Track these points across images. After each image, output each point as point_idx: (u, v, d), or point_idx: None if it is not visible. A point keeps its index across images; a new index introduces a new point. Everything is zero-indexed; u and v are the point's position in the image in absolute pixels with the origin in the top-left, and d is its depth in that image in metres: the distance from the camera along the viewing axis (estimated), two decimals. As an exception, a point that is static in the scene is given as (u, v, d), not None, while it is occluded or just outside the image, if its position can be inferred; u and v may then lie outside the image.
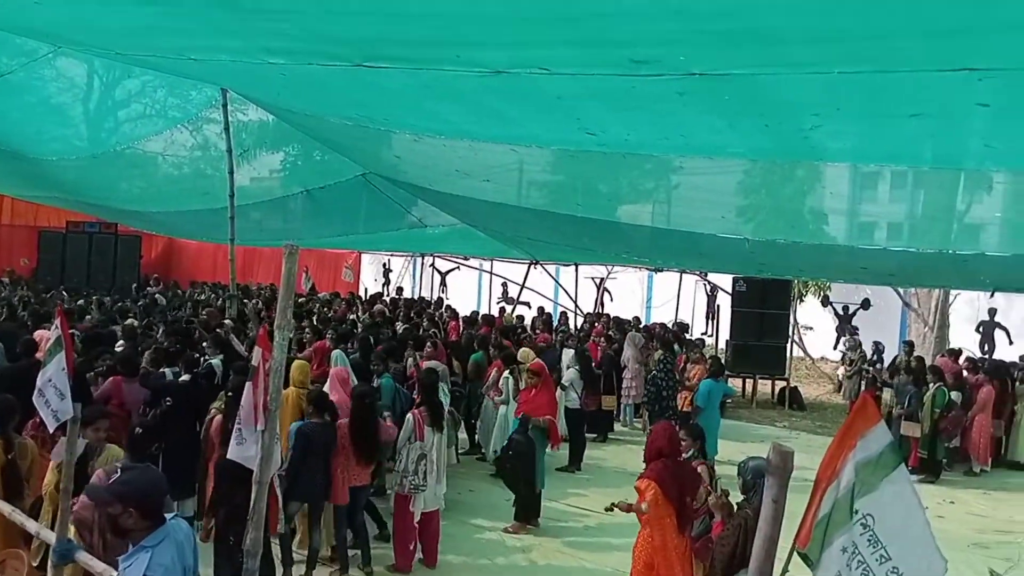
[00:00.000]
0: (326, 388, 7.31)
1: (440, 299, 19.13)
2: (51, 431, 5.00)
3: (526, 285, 18.16)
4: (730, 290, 15.62)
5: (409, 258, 22.33)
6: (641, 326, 14.87)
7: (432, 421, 6.59)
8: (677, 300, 17.97)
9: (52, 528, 4.24)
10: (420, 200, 12.90)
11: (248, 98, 10.97)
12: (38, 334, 8.94)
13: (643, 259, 14.96)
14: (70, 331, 5.53)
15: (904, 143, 5.70)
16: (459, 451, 9.75)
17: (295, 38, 5.78)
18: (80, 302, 14.47)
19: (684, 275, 17.53)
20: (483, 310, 18.51)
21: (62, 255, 20.45)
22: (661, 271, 17.69)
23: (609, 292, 19.32)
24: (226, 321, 10.69)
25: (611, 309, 18.50)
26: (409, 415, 6.71)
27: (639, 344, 12.13)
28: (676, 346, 12.44)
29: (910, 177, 7.14)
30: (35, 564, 4.50)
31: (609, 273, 18.92)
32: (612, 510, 5.34)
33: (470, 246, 16.94)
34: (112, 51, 9.66)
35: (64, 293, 15.51)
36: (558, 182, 9.71)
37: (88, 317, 12.07)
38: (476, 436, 10.22)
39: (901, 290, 15.38)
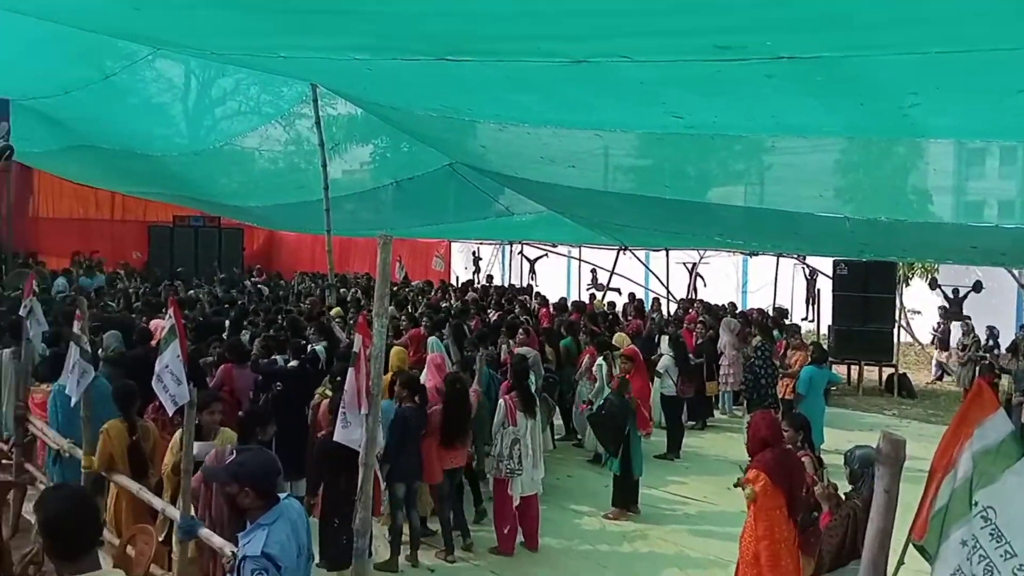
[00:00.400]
0: (424, 374, 7.53)
1: (530, 286, 19.23)
2: (170, 414, 5.34)
3: (615, 271, 18.03)
4: (830, 274, 15.10)
5: (498, 246, 22.52)
6: (737, 312, 14.55)
7: (524, 407, 6.66)
8: (775, 285, 17.49)
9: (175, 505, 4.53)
10: (507, 188, 13.00)
11: (336, 92, 11.28)
12: (152, 323, 9.52)
13: (737, 242, 14.64)
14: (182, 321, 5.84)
15: (1012, 118, 5.40)
16: (555, 437, 9.81)
17: (378, 35, 5.92)
18: (190, 292, 15.22)
19: (781, 259, 17.03)
20: (572, 297, 18.50)
21: (170, 248, 21.61)
22: (756, 255, 17.25)
23: (702, 277, 18.97)
24: (333, 310, 11.07)
25: (704, 295, 18.16)
26: (501, 401, 6.81)
27: (735, 330, 11.88)
28: (775, 332, 12.10)
29: (1021, 152, 6.77)
30: (160, 539, 4.79)
31: (702, 258, 18.57)
32: (737, 486, 5.25)
33: (558, 233, 16.94)
34: (207, 51, 10.11)
35: (176, 284, 16.33)
36: (644, 166, 9.62)
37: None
38: (572, 422, 10.23)
39: (1016, 271, 14.51)
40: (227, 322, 10.12)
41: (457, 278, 21.50)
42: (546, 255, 21.03)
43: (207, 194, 18.47)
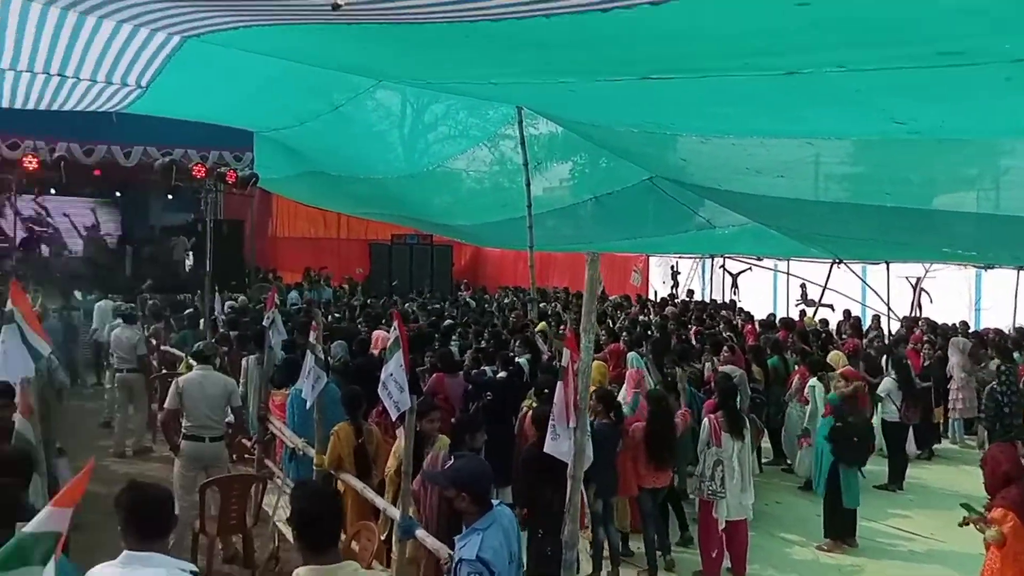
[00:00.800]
0: (623, 389, 7.54)
1: (732, 302, 18.58)
2: (393, 419, 5.74)
3: (828, 286, 16.96)
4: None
5: (698, 260, 21.99)
6: (969, 331, 13.18)
7: (730, 427, 6.45)
8: (1014, 302, 15.62)
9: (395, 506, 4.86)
10: (707, 201, 12.71)
11: (540, 113, 11.60)
12: (373, 334, 10.28)
13: (968, 254, 13.30)
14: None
15: None
16: (762, 461, 9.41)
17: (584, 62, 6.05)
18: (405, 305, 16.25)
19: (1022, 272, 15.18)
20: (779, 313, 17.63)
21: (389, 264, 23.23)
22: (992, 268, 15.51)
23: (927, 293, 17.34)
24: (540, 324, 11.35)
25: (930, 312, 16.59)
26: (705, 420, 6.65)
27: (965, 350, 10.78)
28: (1016, 354, 10.83)
29: None
30: (382, 538, 5.17)
31: (927, 272, 16.99)
32: (966, 524, 4.77)
33: (763, 246, 16.25)
34: (423, 81, 10.80)
35: (396, 298, 17.46)
36: (860, 173, 9.04)
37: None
38: (781, 445, 9.75)
39: None
40: (438, 334, 10.67)
41: (655, 292, 21.24)
42: (750, 269, 20.24)
43: (420, 213, 19.69)
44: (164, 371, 10.25)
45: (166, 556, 2.82)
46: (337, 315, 14.46)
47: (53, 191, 19.00)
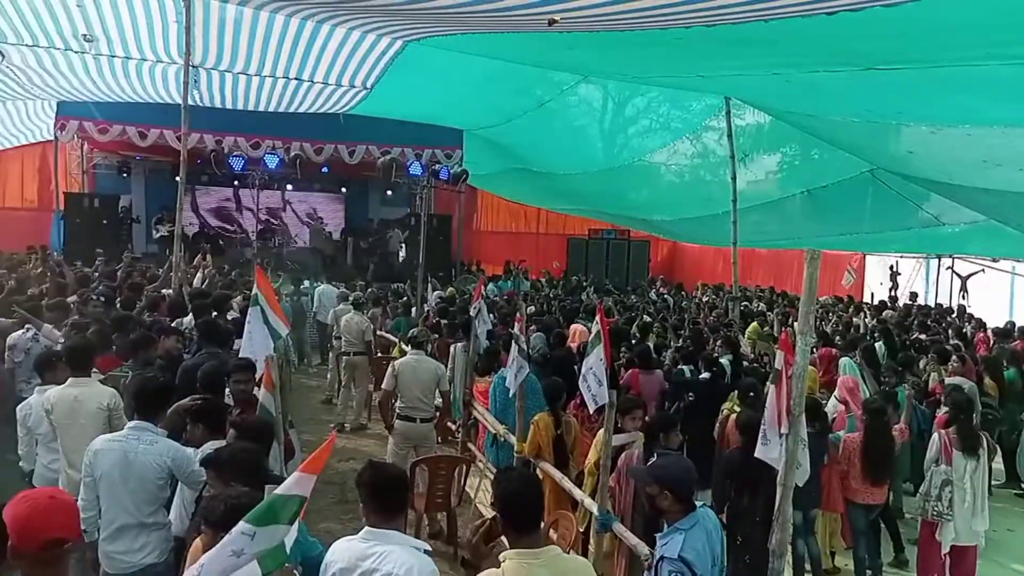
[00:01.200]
0: (832, 397, 7.10)
1: (961, 307, 16.86)
2: (591, 412, 5.80)
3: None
4: None
5: (921, 260, 20.15)
6: None
7: (963, 445, 5.87)
8: None
9: (593, 499, 4.91)
10: (935, 195, 11.64)
11: (750, 104, 11.16)
12: (571, 328, 10.42)
13: None
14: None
15: None
16: (992, 483, 8.49)
17: (801, 55, 5.74)
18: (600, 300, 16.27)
19: None
20: (1019, 321, 15.75)
21: (585, 258, 23.42)
22: None
23: None
24: (751, 327, 10.95)
25: None
26: (935, 435, 6.10)
27: None
28: None
29: None
30: (580, 529, 5.25)
31: None
32: None
33: (1000, 246, 14.61)
34: (629, 75, 10.75)
35: (593, 293, 17.57)
36: None
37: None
38: (1017, 467, 8.74)
39: None
40: (634, 330, 10.60)
41: (872, 294, 19.72)
42: (982, 271, 18.25)
43: (617, 208, 19.67)
44: (380, 354, 11.03)
45: (403, 534, 3.05)
46: (533, 308, 14.76)
47: (289, 187, 21.06)
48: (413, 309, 12.27)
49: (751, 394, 6.17)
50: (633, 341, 9.41)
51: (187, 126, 9.69)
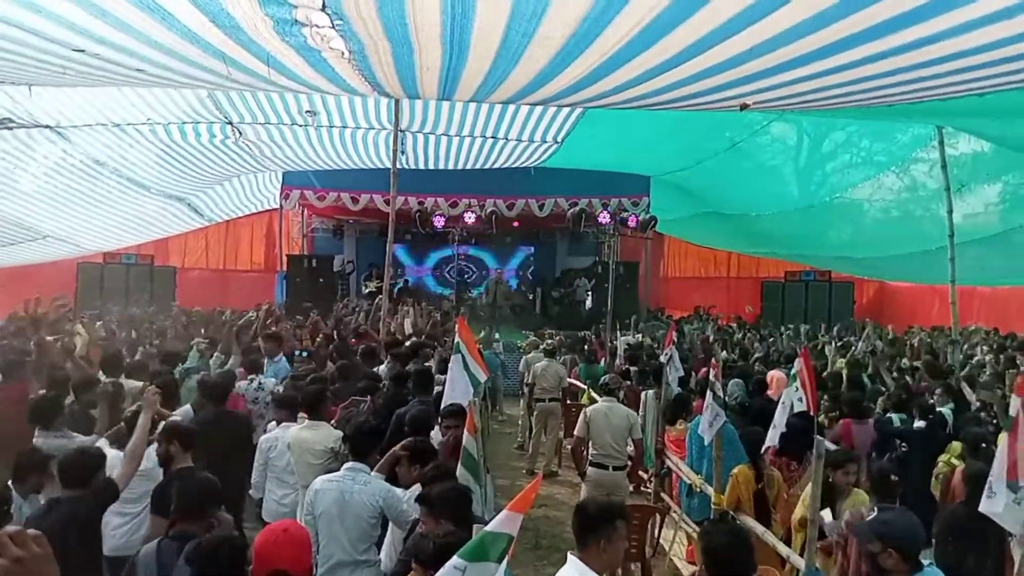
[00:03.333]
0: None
1: None
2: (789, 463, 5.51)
3: None
4: None
5: None
6: None
7: None
8: None
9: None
10: None
11: (967, 132, 10.31)
12: (770, 375, 9.96)
13: None
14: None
15: None
16: None
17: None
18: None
19: None
20: None
21: (782, 302, 22.39)
22: None
23: None
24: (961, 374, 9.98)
25: None
26: None
27: None
28: None
29: None
30: (787, 586, 4.97)
31: None
32: None
33: None
34: (830, 115, 10.29)
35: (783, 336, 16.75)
36: None
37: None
38: None
39: None
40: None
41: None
42: None
43: (815, 248, 18.69)
44: (569, 402, 11.15)
45: None
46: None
47: (483, 242, 22.09)
48: (600, 357, 12.32)
49: (982, 445, 5.58)
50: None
51: (395, 189, 10.50)
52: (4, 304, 13.92)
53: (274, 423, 6.12)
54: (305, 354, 8.95)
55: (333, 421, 5.99)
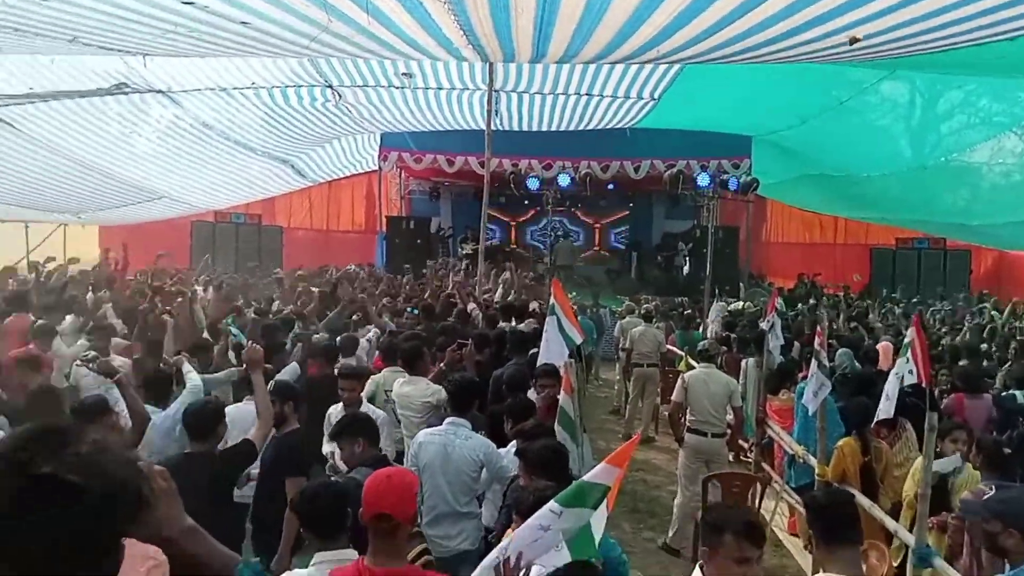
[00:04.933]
0: None
1: None
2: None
3: None
4: None
5: None
6: None
7: None
8: None
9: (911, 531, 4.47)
10: None
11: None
12: (879, 346, 9.58)
13: None
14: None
15: None
16: None
17: None
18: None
19: None
20: None
21: (892, 271, 21.40)
22: None
23: None
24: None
25: None
26: None
27: None
28: None
29: None
30: (895, 564, 4.79)
31: None
32: None
33: None
34: (950, 70, 9.65)
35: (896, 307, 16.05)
36: None
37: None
38: None
39: None
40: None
41: None
42: None
43: (928, 214, 17.69)
44: (666, 368, 11.03)
45: None
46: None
47: (579, 205, 21.90)
48: (699, 323, 12.10)
49: None
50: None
51: (490, 151, 10.51)
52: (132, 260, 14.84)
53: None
54: (416, 311, 9.14)
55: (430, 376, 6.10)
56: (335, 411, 5.42)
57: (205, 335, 7.74)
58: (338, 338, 7.24)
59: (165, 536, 1.45)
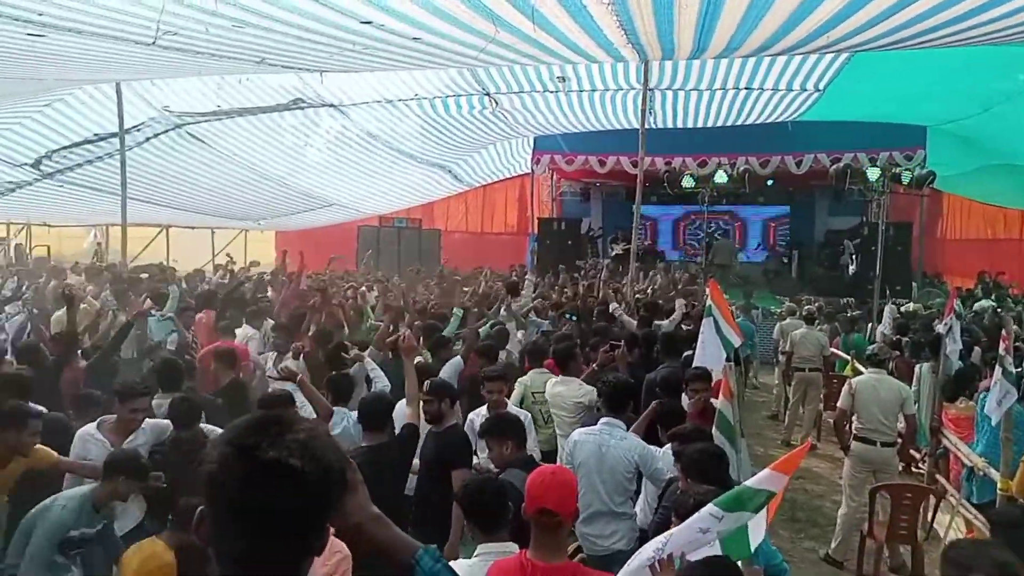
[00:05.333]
0: None
1: None
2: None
3: None
4: None
5: None
6: None
7: None
8: None
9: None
10: None
11: None
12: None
13: None
14: None
15: None
16: None
17: None
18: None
19: None
20: None
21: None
22: None
23: None
24: None
25: None
26: None
27: None
28: None
29: None
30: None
31: None
32: None
33: None
34: None
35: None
36: None
37: None
38: None
39: None
40: None
41: None
42: None
43: None
44: (829, 372, 10.52)
45: None
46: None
47: (736, 202, 21.25)
48: (869, 326, 11.45)
49: None
50: None
51: (643, 149, 10.43)
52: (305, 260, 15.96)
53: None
54: (574, 317, 9.26)
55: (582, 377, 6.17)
56: (477, 416, 5.43)
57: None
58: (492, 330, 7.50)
59: (355, 523, 1.56)
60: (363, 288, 11.34)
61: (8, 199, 13.25)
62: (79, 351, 6.40)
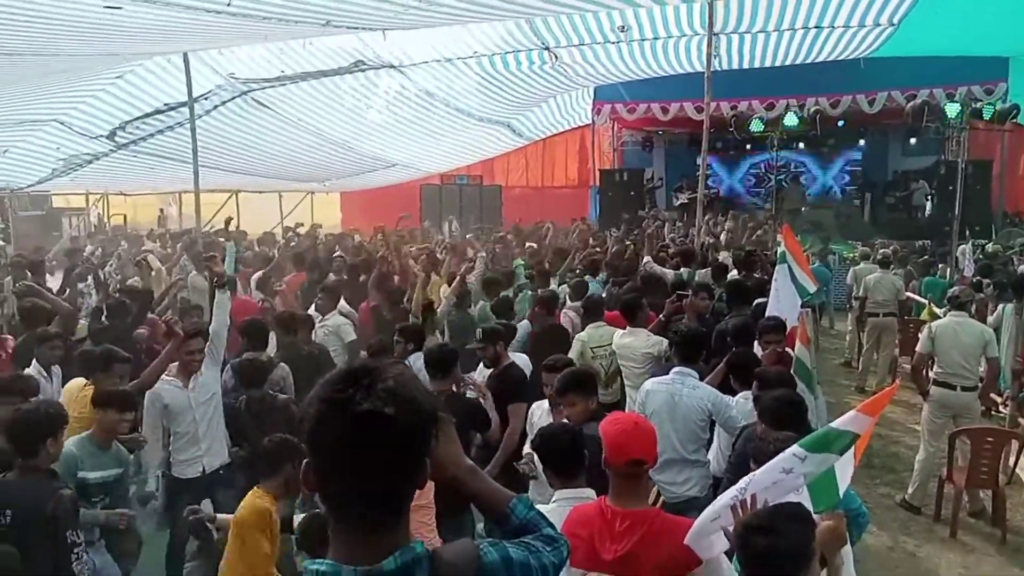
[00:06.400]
0: None
1: None
2: None
3: None
4: None
5: None
6: None
7: None
8: None
9: None
10: None
11: None
12: None
13: None
14: None
15: None
16: None
17: None
18: None
19: None
20: None
21: None
22: None
23: None
24: None
25: None
26: None
27: None
28: None
29: None
30: None
31: None
32: None
33: None
34: None
35: None
36: None
37: None
38: None
39: None
40: None
41: None
42: None
43: None
44: (905, 317, 10.26)
45: None
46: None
47: (803, 145, 20.58)
48: (945, 269, 11.07)
49: None
50: None
51: (709, 95, 10.16)
52: (369, 220, 16.24)
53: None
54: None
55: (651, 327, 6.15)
56: (539, 408, 4.74)
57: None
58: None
59: (451, 475, 1.61)
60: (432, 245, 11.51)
61: (86, 170, 13.78)
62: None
